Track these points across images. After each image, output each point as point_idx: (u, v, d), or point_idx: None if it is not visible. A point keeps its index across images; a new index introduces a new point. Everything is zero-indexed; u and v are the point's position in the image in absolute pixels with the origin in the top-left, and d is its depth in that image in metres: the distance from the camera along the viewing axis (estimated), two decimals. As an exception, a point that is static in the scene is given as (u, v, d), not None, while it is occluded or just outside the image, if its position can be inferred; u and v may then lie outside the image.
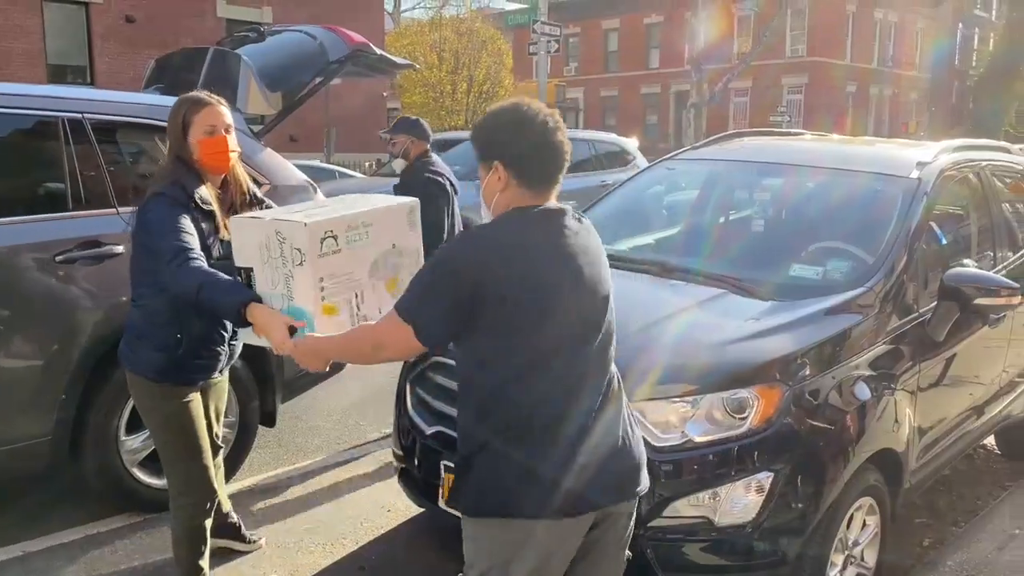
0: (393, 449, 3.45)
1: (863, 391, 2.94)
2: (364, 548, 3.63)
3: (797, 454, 2.71)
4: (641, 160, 11.10)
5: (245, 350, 3.03)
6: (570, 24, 34.62)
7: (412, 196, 4.47)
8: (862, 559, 3.10)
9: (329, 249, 2.20)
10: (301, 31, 5.19)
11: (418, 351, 2.03)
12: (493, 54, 25.47)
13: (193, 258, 2.48)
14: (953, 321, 3.36)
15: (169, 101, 4.11)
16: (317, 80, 5.06)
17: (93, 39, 17.09)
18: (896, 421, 3.10)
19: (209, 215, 2.69)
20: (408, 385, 3.32)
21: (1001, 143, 5.16)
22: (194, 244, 2.52)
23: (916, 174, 3.66)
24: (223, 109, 2.75)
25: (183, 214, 2.57)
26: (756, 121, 32.72)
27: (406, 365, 3.39)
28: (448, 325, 1.90)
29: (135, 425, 3.67)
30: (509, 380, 1.89)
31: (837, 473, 2.78)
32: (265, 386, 4.08)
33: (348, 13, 18.50)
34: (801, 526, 2.71)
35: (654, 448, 2.63)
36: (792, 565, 2.71)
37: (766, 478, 2.65)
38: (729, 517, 2.64)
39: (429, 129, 5.21)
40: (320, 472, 4.41)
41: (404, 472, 3.32)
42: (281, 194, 3.97)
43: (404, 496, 3.45)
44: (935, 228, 3.65)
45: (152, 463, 3.73)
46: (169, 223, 2.53)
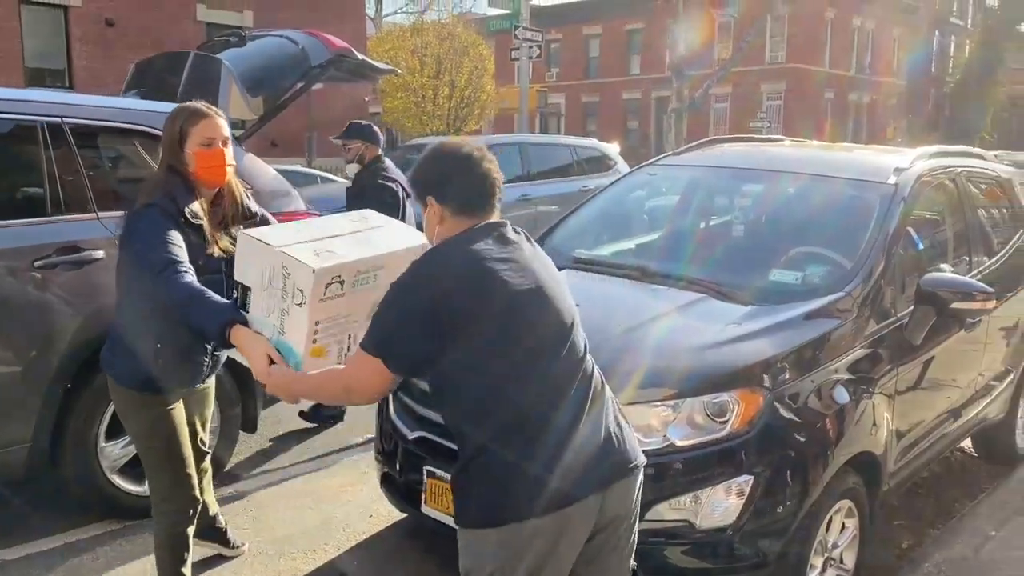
0: (375, 454, 3.45)
1: (842, 395, 2.97)
2: (346, 554, 3.62)
3: (777, 457, 2.74)
4: (622, 165, 11.11)
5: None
6: (552, 30, 34.71)
7: (366, 200, 4.51)
8: (841, 561, 3.12)
9: (333, 293, 2.10)
10: (283, 36, 5.19)
11: (387, 389, 2.04)
12: (475, 59, 25.46)
13: (183, 271, 2.45)
14: (930, 325, 3.40)
15: (151, 106, 4.12)
16: (299, 85, 5.06)
17: (72, 42, 16.95)
18: (874, 424, 3.13)
19: (198, 229, 2.65)
20: (390, 390, 3.32)
21: (976, 150, 5.23)
22: (183, 257, 2.49)
23: (893, 180, 3.71)
24: (221, 121, 2.70)
25: (173, 228, 2.54)
26: (736, 127, 32.89)
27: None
28: (416, 346, 1.91)
29: (115, 431, 3.65)
30: (494, 387, 1.90)
31: (817, 476, 2.81)
32: (247, 392, 4.07)
33: (329, 17, 18.46)
34: (781, 529, 2.74)
35: (636, 452, 2.65)
36: (772, 567, 2.74)
37: (746, 481, 2.67)
38: (710, 520, 2.67)
39: (380, 133, 5.20)
40: (301, 477, 4.39)
41: (386, 477, 3.31)
42: (261, 199, 3.96)
43: (386, 501, 3.44)
44: (912, 233, 3.69)
45: (132, 469, 3.71)
46: (159, 235, 2.50)
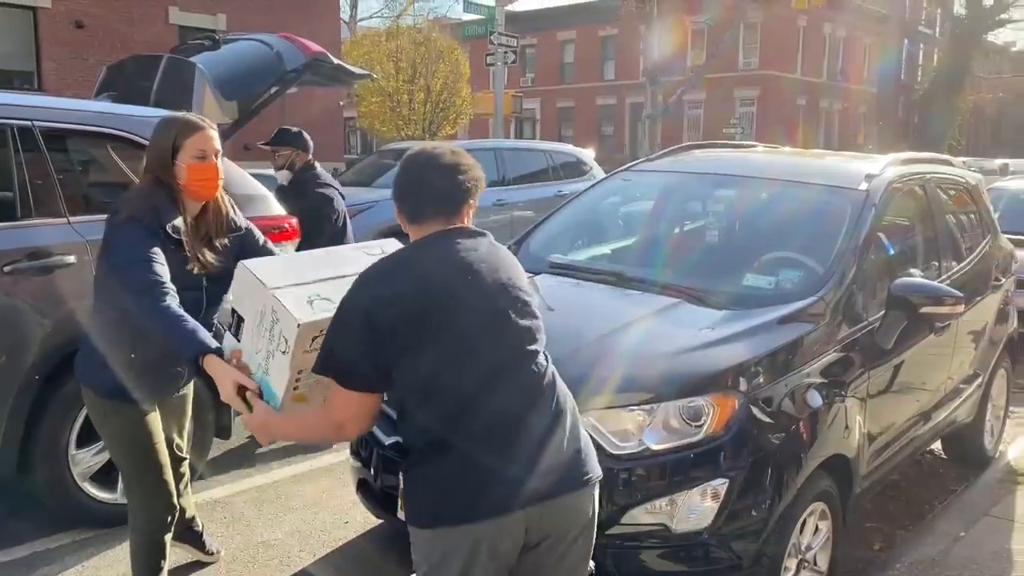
0: (351, 460, 3.44)
1: (815, 398, 3.00)
2: (320, 561, 3.59)
3: (752, 461, 2.76)
4: (598, 171, 11.15)
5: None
6: (527, 35, 34.79)
7: (300, 210, 4.50)
8: (815, 563, 3.15)
9: (319, 346, 2.05)
10: (257, 40, 5.17)
11: (373, 411, 2.02)
12: (450, 64, 25.46)
13: (163, 293, 2.42)
14: (901, 329, 3.45)
15: (124, 109, 4.09)
16: (273, 89, 5.04)
17: (41, 44, 16.71)
18: (847, 427, 3.17)
19: (179, 244, 2.61)
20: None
21: (945, 156, 5.32)
22: (165, 276, 2.46)
23: (865, 186, 3.75)
24: (214, 134, 2.67)
25: (156, 244, 2.50)
26: (710, 133, 33.14)
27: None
28: (366, 358, 1.91)
29: (86, 438, 3.60)
30: (429, 386, 1.91)
31: (790, 479, 2.84)
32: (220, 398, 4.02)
33: (304, 21, 18.36)
34: (756, 531, 2.75)
35: (611, 456, 2.66)
36: (747, 570, 2.76)
37: (722, 485, 2.69)
38: (686, 524, 2.68)
39: (310, 140, 5.17)
40: (276, 485, 4.35)
41: (362, 483, 3.30)
42: (237, 203, 3.93)
43: (362, 508, 3.43)
44: (883, 239, 3.74)
45: (104, 476, 3.66)
46: (142, 252, 2.46)
